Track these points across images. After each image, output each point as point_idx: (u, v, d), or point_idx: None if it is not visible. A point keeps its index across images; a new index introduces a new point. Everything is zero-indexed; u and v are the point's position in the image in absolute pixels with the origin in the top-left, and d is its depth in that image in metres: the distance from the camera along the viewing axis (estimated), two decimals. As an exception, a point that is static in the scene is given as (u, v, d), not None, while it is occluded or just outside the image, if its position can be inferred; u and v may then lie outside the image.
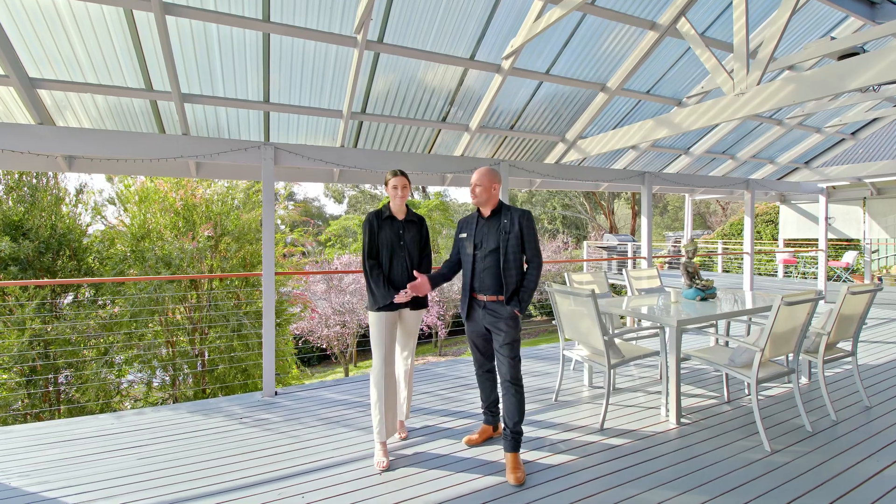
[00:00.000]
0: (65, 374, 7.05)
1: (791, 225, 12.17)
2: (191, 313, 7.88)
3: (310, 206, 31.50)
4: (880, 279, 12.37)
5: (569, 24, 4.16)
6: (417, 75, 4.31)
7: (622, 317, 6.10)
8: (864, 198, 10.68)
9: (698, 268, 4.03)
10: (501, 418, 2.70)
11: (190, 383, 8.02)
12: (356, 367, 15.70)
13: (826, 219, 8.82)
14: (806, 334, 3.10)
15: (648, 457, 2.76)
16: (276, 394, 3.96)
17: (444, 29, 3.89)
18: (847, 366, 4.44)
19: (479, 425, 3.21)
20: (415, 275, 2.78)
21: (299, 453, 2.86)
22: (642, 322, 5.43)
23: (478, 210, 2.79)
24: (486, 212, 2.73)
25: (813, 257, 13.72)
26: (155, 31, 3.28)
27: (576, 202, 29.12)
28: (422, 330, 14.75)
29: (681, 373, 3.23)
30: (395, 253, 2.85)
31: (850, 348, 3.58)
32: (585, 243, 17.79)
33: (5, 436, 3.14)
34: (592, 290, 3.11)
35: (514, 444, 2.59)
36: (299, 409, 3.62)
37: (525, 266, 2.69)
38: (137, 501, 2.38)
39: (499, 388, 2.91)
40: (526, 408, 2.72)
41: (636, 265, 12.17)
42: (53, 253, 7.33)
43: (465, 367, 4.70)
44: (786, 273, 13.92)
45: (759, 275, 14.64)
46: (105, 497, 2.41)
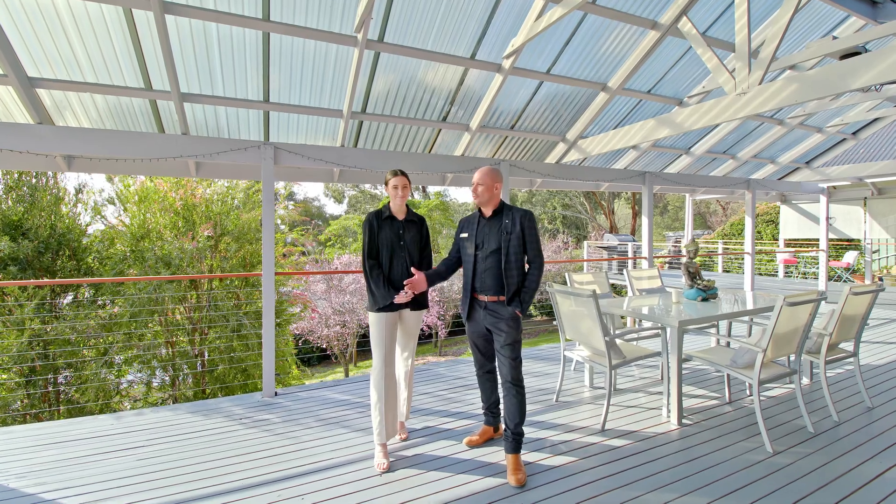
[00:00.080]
0: (64, 374, 7.04)
1: (791, 225, 12.17)
2: (190, 313, 7.87)
3: (310, 206, 31.49)
4: (881, 279, 12.35)
5: (570, 24, 4.15)
6: (418, 75, 4.30)
7: (623, 317, 6.09)
8: (865, 198, 10.68)
9: (699, 268, 4.02)
10: (502, 419, 2.68)
11: (190, 383, 8.01)
12: (356, 367, 15.69)
13: (827, 219, 8.81)
14: (808, 335, 3.09)
15: (650, 458, 2.75)
16: (276, 394, 3.94)
17: (445, 28, 3.88)
18: (848, 366, 4.43)
19: (479, 426, 3.20)
20: (412, 271, 2.77)
21: (299, 454, 2.85)
22: (643, 322, 5.41)
23: (479, 210, 2.77)
24: (488, 212, 2.71)
25: (814, 257, 13.71)
26: (154, 31, 3.27)
27: (576, 202, 29.11)
28: (422, 330, 14.71)
29: (682, 373, 3.22)
30: (395, 253, 2.84)
31: (852, 349, 3.57)
32: (586, 243, 17.75)
33: (4, 436, 3.13)
34: (593, 290, 3.09)
35: (516, 445, 2.58)
36: (299, 409, 3.61)
37: (526, 266, 2.68)
38: (136, 503, 2.36)
39: (499, 389, 2.89)
40: (527, 408, 2.70)
41: (637, 265, 12.16)
42: (53, 253, 7.32)
43: (465, 367, 4.69)
44: (786, 273, 13.91)
45: (759, 275, 14.62)
46: (104, 499, 2.40)
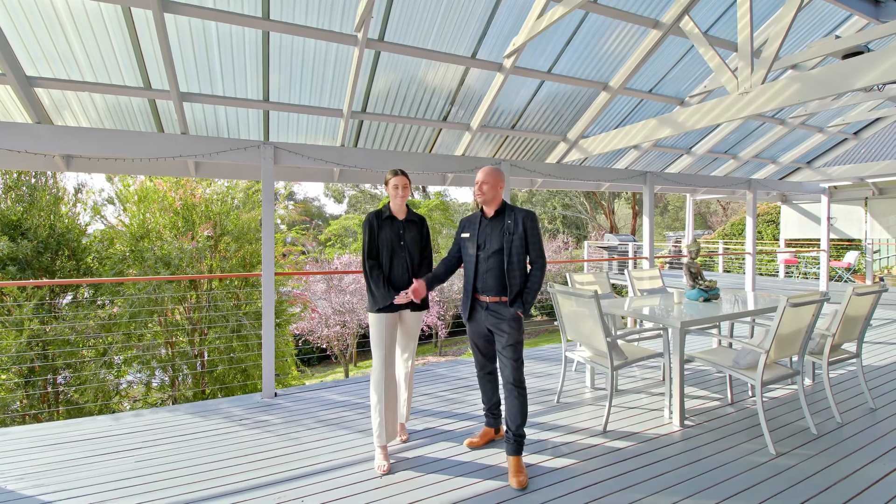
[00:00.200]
0: (63, 374, 7.02)
1: (792, 225, 12.15)
2: (190, 313, 7.85)
3: (310, 206, 31.47)
4: (881, 279, 12.33)
5: (571, 23, 4.13)
6: (418, 74, 4.28)
7: (624, 317, 6.07)
8: (866, 198, 10.66)
9: (701, 268, 4.00)
10: (503, 421, 2.66)
11: (189, 384, 7.99)
12: (356, 367, 15.67)
13: (828, 219, 8.79)
14: (811, 336, 3.07)
15: (652, 460, 2.73)
16: (276, 395, 3.93)
17: (446, 27, 3.86)
18: (851, 367, 4.41)
19: (480, 427, 3.18)
20: (413, 282, 2.74)
21: (299, 456, 2.83)
22: (644, 323, 5.39)
23: (481, 210, 2.75)
24: (490, 212, 2.69)
25: (814, 257, 13.69)
26: (153, 30, 3.25)
27: (576, 202, 29.09)
28: (422, 330, 14.70)
29: (684, 374, 3.20)
30: (395, 253, 2.82)
31: (855, 350, 3.55)
32: (586, 243, 17.73)
33: (2, 438, 3.11)
34: (595, 291, 3.07)
35: (517, 447, 2.56)
36: (299, 410, 3.59)
37: (528, 267, 2.66)
38: (135, 505, 2.35)
39: (500, 390, 2.88)
40: (528, 410, 2.68)
41: (637, 265, 12.14)
42: (52, 253, 7.30)
43: (465, 367, 4.67)
44: (787, 273, 13.89)
45: (760, 275, 14.60)
46: (103, 500, 2.38)
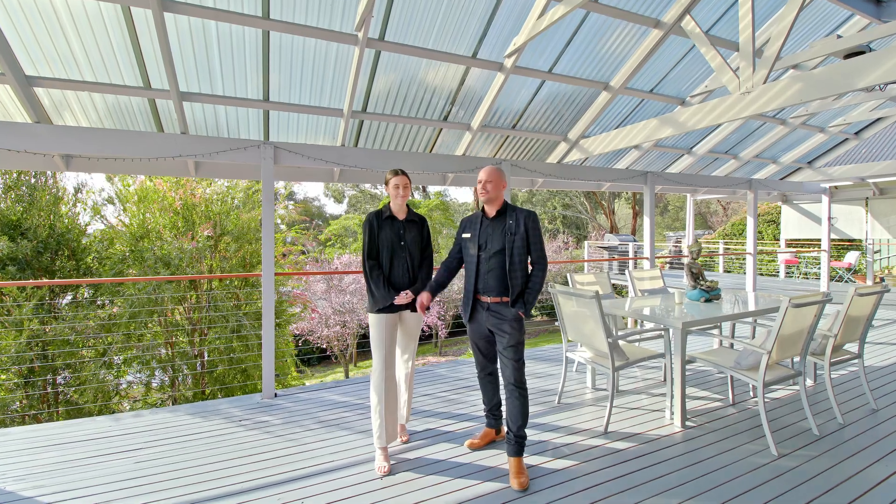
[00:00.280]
0: (63, 375, 7.01)
1: (793, 225, 12.12)
2: (190, 314, 7.84)
3: (310, 206, 31.46)
4: (882, 279, 12.32)
5: (572, 22, 4.12)
6: (419, 74, 4.27)
7: (625, 318, 6.06)
8: (867, 198, 10.63)
9: (702, 269, 3.99)
10: (504, 422, 2.65)
11: (189, 384, 7.98)
12: (356, 367, 15.66)
13: (829, 219, 8.77)
14: (813, 336, 3.06)
15: (654, 461, 2.72)
16: (276, 395, 3.92)
17: (446, 27, 3.85)
18: (853, 368, 4.40)
19: (481, 428, 3.17)
20: (418, 296, 2.72)
21: (299, 457, 2.82)
22: (646, 323, 5.38)
23: (482, 210, 2.74)
24: (492, 212, 2.68)
25: (815, 258, 13.67)
26: (153, 29, 3.24)
27: (576, 202, 29.08)
28: (422, 330, 14.69)
29: (685, 375, 3.19)
30: (395, 253, 2.81)
31: (857, 350, 3.54)
32: (586, 243, 17.72)
33: (2, 438, 3.10)
34: (596, 291, 3.06)
35: (518, 448, 2.55)
36: (299, 411, 3.58)
37: (530, 268, 2.64)
38: (134, 507, 2.34)
39: (501, 391, 2.86)
40: (529, 411, 2.67)
41: (638, 265, 12.13)
42: (52, 253, 7.29)
43: (466, 368, 4.66)
44: (787, 273, 13.88)
45: (760, 275, 14.59)
46: (102, 502, 2.37)
